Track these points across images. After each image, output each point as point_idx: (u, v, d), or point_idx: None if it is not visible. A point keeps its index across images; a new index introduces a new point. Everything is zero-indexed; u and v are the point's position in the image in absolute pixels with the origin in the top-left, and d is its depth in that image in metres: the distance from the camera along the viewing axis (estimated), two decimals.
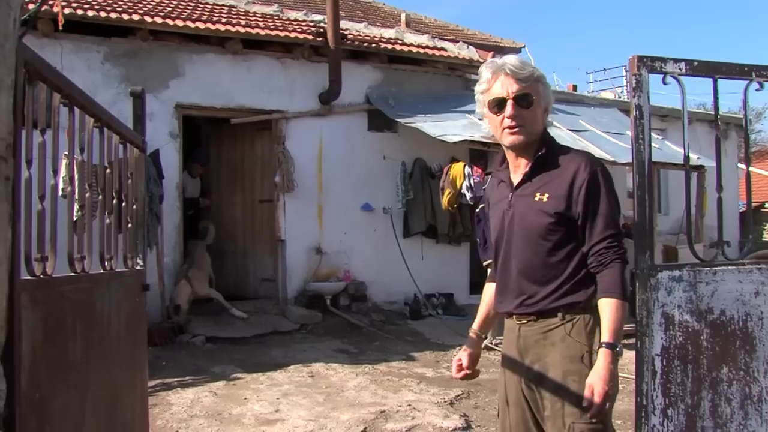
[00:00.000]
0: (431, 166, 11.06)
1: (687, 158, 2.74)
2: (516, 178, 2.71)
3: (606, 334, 2.43)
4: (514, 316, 2.71)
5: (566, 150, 2.66)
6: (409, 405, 6.22)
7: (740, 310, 2.65)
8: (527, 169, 2.67)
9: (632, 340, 2.64)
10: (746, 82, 2.71)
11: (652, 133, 9.11)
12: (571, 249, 2.56)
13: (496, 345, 8.82)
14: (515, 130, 2.62)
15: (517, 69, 2.60)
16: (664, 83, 2.58)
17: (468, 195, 9.73)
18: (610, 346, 2.41)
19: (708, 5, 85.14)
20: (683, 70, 2.58)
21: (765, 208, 21.55)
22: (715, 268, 2.64)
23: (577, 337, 2.52)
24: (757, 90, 2.73)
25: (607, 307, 2.45)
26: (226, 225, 11.11)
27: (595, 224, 2.51)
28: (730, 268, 2.66)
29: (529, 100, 2.61)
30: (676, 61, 2.57)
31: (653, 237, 2.55)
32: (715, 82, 2.67)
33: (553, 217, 2.56)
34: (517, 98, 2.60)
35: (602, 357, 2.42)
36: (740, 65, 2.69)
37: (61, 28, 7.18)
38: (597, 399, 2.38)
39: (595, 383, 2.40)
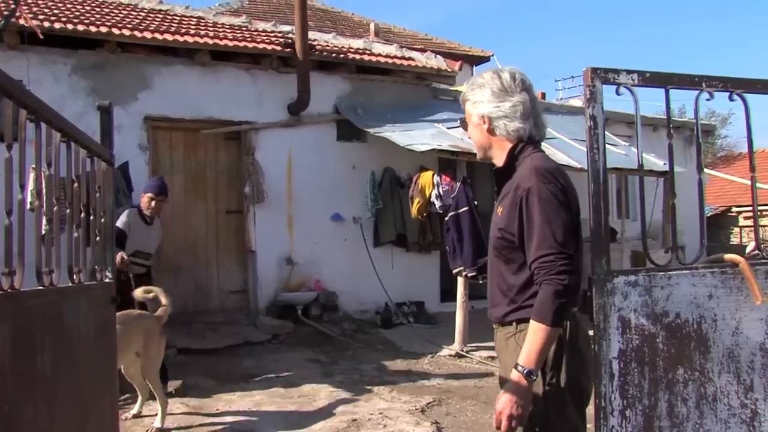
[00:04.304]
0: (400, 176, 11.13)
1: (641, 165, 2.83)
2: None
3: (520, 357, 2.47)
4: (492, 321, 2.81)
5: (527, 162, 2.63)
6: (381, 413, 6.26)
7: (694, 313, 2.72)
8: (496, 183, 2.81)
9: None
10: (697, 92, 2.81)
11: (619, 140, 9.17)
12: (523, 266, 2.59)
13: (467, 352, 8.90)
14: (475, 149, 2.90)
15: (460, 98, 2.84)
16: (618, 94, 2.67)
17: (437, 203, 9.78)
18: (520, 369, 2.44)
19: (681, 12, 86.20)
20: (636, 81, 2.67)
21: (732, 212, 21.89)
22: (670, 272, 2.71)
23: None
24: (707, 99, 2.83)
25: (530, 330, 2.47)
26: (183, 237, 10.35)
27: (530, 243, 2.50)
28: (684, 272, 2.74)
29: (465, 123, 2.85)
30: (629, 72, 2.65)
31: (609, 243, 2.63)
32: (667, 92, 2.77)
33: (500, 232, 2.65)
34: (462, 123, 2.89)
35: (511, 377, 2.48)
36: (690, 76, 2.78)
37: (42, 37, 7.13)
38: (495, 415, 2.48)
39: (497, 401, 2.48)
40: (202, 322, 9.74)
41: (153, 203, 7.24)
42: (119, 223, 6.72)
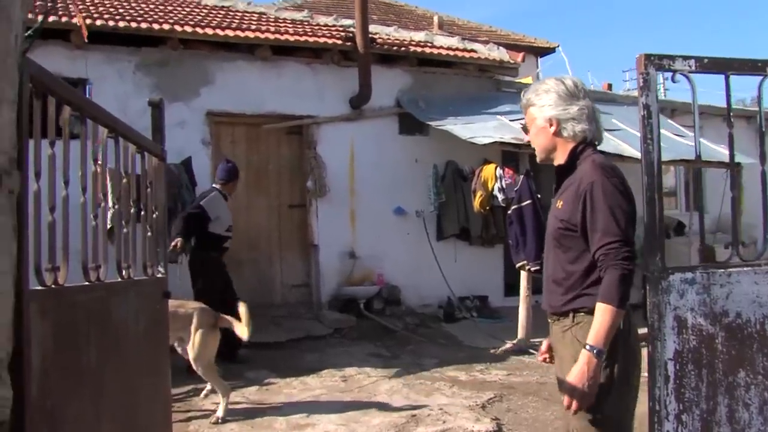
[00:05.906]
0: (463, 169, 11.00)
1: (698, 156, 2.71)
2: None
3: (589, 337, 2.55)
4: (548, 314, 2.91)
5: (588, 160, 2.76)
6: (441, 409, 6.20)
7: (757, 312, 2.59)
8: (556, 180, 2.92)
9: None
10: (761, 78, 2.66)
11: (687, 131, 8.85)
12: (583, 255, 2.69)
13: (530, 348, 8.76)
14: (535, 151, 3.00)
15: (521, 103, 3.00)
16: (674, 81, 2.56)
17: (500, 197, 9.64)
18: (590, 348, 2.53)
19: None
20: (693, 68, 2.55)
21: None
22: (730, 269, 2.59)
23: (581, 339, 2.62)
24: None
25: (597, 312, 2.55)
26: (245, 231, 10.11)
27: (595, 233, 2.62)
28: (745, 269, 2.61)
29: (526, 127, 2.99)
30: (685, 58, 2.53)
31: (663, 239, 2.51)
32: (727, 78, 2.63)
33: (562, 223, 2.75)
34: (524, 128, 3.04)
35: (580, 358, 2.56)
36: (752, 61, 2.64)
37: (86, 40, 7.29)
38: (565, 393, 2.58)
39: (566, 380, 2.58)
40: (265, 315, 9.79)
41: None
42: (214, 209, 7.88)
